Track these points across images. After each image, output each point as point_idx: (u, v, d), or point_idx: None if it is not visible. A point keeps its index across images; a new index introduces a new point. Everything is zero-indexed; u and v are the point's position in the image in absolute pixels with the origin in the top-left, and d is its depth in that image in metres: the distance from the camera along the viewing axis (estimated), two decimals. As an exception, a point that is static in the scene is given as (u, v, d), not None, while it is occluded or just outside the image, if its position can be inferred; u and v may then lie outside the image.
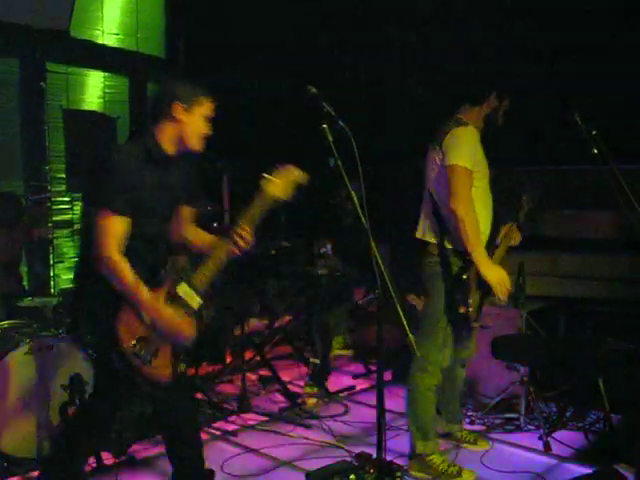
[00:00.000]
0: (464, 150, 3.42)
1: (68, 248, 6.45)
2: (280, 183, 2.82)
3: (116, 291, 2.61)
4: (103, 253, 2.60)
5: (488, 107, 3.60)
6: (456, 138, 3.44)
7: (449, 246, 3.53)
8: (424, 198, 3.68)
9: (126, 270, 2.61)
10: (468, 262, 3.47)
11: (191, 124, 2.77)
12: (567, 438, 4.08)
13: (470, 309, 3.47)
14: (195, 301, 2.76)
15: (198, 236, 3.01)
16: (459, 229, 3.39)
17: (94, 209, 2.66)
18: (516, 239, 3.73)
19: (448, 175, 3.42)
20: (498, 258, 3.64)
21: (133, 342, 2.63)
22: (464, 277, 3.46)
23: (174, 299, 2.72)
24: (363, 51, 6.39)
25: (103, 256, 2.60)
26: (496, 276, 3.43)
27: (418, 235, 3.67)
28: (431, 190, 3.59)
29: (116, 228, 2.63)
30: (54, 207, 6.20)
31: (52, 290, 5.07)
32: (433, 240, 3.57)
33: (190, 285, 2.75)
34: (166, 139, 2.77)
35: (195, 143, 2.79)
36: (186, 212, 3.00)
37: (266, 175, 2.79)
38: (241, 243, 2.78)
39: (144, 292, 2.63)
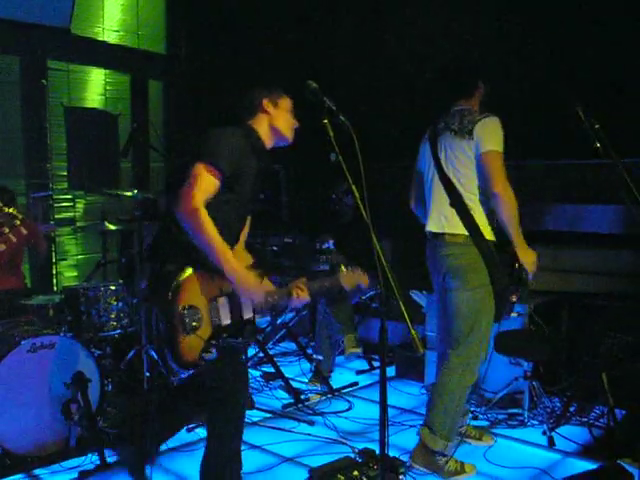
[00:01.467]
0: (499, 136, 3.45)
1: (70, 246, 6.44)
2: (351, 279, 3.17)
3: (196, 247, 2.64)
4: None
5: (479, 95, 3.64)
6: (489, 125, 3.46)
7: (490, 237, 3.48)
8: (433, 190, 3.61)
9: (212, 225, 2.63)
10: (511, 250, 3.44)
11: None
12: (571, 433, 4.07)
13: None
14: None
15: (242, 253, 3.05)
16: (504, 212, 3.38)
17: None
18: None
19: (485, 161, 3.41)
20: None
21: (185, 306, 2.63)
22: (517, 266, 3.44)
23: None
24: (363, 49, 6.38)
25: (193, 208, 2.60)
26: (532, 260, 3.46)
27: (434, 229, 3.57)
28: (453, 180, 3.52)
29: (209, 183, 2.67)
30: (56, 205, 6.23)
31: (55, 288, 5.07)
32: (461, 231, 3.48)
33: None
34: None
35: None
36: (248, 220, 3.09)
37: (344, 269, 3.17)
38: (299, 295, 2.97)
39: (227, 249, 2.68)
